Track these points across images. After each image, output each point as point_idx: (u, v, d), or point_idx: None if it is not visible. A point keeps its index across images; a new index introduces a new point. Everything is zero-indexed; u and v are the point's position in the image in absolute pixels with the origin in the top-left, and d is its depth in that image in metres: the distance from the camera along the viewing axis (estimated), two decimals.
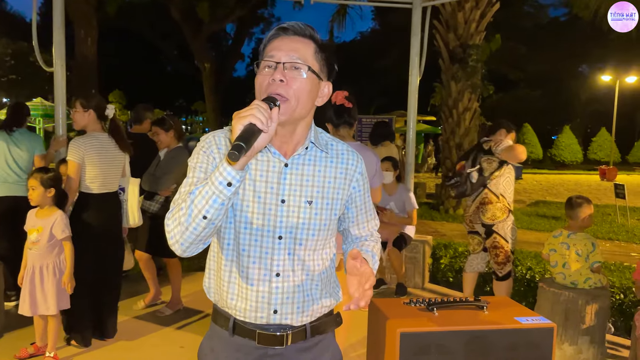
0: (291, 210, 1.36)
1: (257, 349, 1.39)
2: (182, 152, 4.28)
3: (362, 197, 1.50)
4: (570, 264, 3.64)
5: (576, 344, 3.52)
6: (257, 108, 1.17)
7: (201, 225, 1.20)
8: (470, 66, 9.88)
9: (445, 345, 1.54)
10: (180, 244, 1.25)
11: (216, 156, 1.35)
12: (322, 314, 1.45)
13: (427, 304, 1.68)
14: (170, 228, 1.26)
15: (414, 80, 5.56)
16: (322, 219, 1.39)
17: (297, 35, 1.35)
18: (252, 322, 1.38)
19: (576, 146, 29.57)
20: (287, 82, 1.29)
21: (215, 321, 1.47)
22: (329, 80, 1.42)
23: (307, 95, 1.33)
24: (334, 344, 1.53)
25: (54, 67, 4.77)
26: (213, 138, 1.38)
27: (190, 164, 1.37)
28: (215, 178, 1.19)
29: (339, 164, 1.43)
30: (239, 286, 1.37)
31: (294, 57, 1.31)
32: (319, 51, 1.37)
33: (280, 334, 1.39)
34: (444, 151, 10.62)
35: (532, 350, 1.60)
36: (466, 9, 9.88)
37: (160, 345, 3.73)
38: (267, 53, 1.34)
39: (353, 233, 1.55)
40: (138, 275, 5.31)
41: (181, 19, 21.99)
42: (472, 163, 4.06)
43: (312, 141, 1.40)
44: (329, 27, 14.08)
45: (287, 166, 1.37)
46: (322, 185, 1.40)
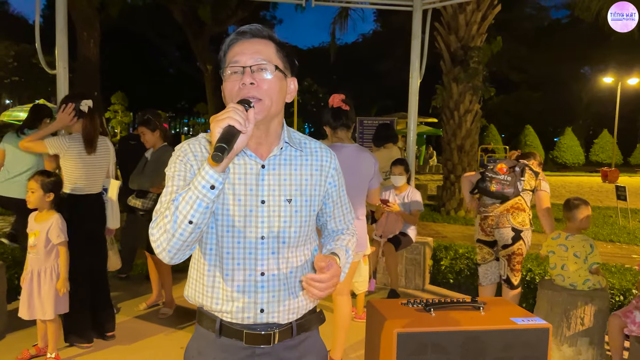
0: (272, 210, 1.38)
1: (245, 348, 1.41)
2: (168, 150, 4.36)
3: (337, 192, 1.53)
4: (568, 266, 3.66)
5: (575, 345, 3.54)
6: (234, 110, 1.20)
7: (187, 230, 1.22)
8: (471, 68, 9.90)
9: (442, 345, 1.56)
10: (168, 252, 1.26)
11: (193, 163, 1.37)
12: (307, 310, 1.47)
13: (424, 304, 1.70)
14: (155, 237, 1.26)
15: (414, 82, 5.58)
16: (302, 215, 1.42)
17: (256, 37, 1.38)
18: (239, 323, 1.40)
19: (578, 148, 29.56)
20: (257, 84, 1.33)
21: (200, 323, 1.48)
22: (293, 76, 1.45)
23: (278, 93, 1.37)
24: (319, 341, 1.56)
25: (57, 69, 4.80)
26: (188, 146, 1.41)
27: (168, 173, 1.38)
28: (198, 182, 1.20)
29: (313, 161, 1.47)
30: (223, 290, 1.39)
31: (258, 59, 1.34)
32: (280, 49, 1.40)
33: (267, 332, 1.40)
34: (445, 153, 10.64)
35: (528, 350, 1.62)
36: (467, 11, 9.91)
37: (161, 346, 3.75)
38: (231, 59, 1.36)
39: (330, 227, 1.58)
40: (140, 277, 5.35)
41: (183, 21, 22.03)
42: (520, 172, 3.97)
43: (286, 141, 1.43)
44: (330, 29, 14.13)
45: (264, 167, 1.40)
46: (299, 183, 1.43)
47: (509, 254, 3.97)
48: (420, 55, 5.56)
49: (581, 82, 34.00)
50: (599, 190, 16.95)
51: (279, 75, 1.37)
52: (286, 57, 1.41)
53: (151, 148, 4.38)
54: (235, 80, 1.34)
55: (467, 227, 9.39)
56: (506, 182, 3.90)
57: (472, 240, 7.68)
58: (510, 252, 3.96)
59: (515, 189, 3.91)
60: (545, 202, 4.05)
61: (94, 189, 3.67)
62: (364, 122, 11.45)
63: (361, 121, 11.90)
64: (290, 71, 1.43)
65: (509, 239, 3.94)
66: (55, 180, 3.39)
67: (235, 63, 1.35)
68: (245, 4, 21.55)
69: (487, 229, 4.04)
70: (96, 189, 3.69)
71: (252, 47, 1.36)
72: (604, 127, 30.75)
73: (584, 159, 29.90)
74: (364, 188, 3.31)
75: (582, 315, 3.51)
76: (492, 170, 3.98)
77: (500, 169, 3.95)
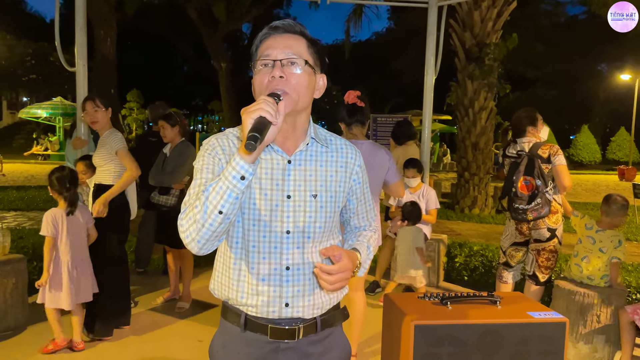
0: (297, 205, 1.40)
1: (269, 343, 1.43)
2: (188, 146, 4.43)
3: (361, 189, 1.55)
4: (590, 259, 3.67)
5: (591, 343, 3.53)
6: (265, 102, 1.22)
7: (217, 220, 1.25)
8: (486, 65, 9.83)
9: (459, 338, 1.57)
10: (197, 242, 1.28)
11: (221, 157, 1.40)
12: (331, 306, 1.49)
13: (440, 298, 1.72)
14: (184, 227, 1.29)
15: (429, 79, 5.57)
16: (327, 211, 1.44)
17: (288, 33, 1.40)
18: (264, 317, 1.42)
19: (594, 146, 29.20)
20: (286, 78, 1.35)
21: (225, 318, 1.50)
22: (322, 73, 1.47)
23: (306, 88, 1.38)
24: (343, 337, 1.57)
25: (76, 67, 4.87)
26: (216, 140, 1.44)
27: (197, 166, 1.41)
28: (229, 173, 1.23)
29: (339, 157, 1.49)
30: (248, 284, 1.41)
31: (289, 53, 1.36)
32: (311, 45, 1.42)
33: (292, 327, 1.42)
34: (460, 150, 10.58)
35: (545, 344, 1.62)
36: (482, 8, 9.84)
37: (177, 340, 3.81)
38: (262, 53, 1.39)
39: (353, 224, 1.61)
40: (157, 271, 5.43)
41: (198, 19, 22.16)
42: (540, 177, 3.78)
43: (312, 137, 1.46)
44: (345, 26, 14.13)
45: (291, 162, 1.42)
46: (325, 179, 1.45)
47: (539, 249, 3.93)
48: (436, 52, 5.55)
49: (598, 79, 33.55)
50: (616, 189, 16.76)
51: (309, 71, 1.39)
52: (317, 53, 1.43)
53: (169, 143, 4.44)
54: (265, 73, 1.36)
55: (481, 224, 9.36)
56: (538, 204, 3.75)
57: (487, 238, 7.66)
58: (540, 247, 3.92)
59: (547, 203, 3.77)
60: (565, 178, 3.78)
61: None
62: (378, 120, 11.43)
63: (375, 118, 11.88)
64: (320, 67, 1.45)
65: (544, 237, 3.90)
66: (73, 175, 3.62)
67: (266, 57, 1.37)
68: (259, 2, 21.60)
69: (525, 232, 3.97)
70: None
71: (284, 42, 1.38)
72: (621, 125, 30.33)
73: (601, 157, 29.53)
74: (379, 184, 3.33)
75: (598, 313, 3.50)
76: (516, 195, 3.81)
77: (522, 188, 3.82)
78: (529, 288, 4.02)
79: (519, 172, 3.83)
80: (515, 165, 3.90)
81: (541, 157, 3.84)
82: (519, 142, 4.00)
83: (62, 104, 23.32)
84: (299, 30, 1.42)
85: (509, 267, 4.14)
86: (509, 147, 4.07)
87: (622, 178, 20.09)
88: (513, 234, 4.03)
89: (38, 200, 10.34)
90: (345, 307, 1.58)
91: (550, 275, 4.02)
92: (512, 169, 3.91)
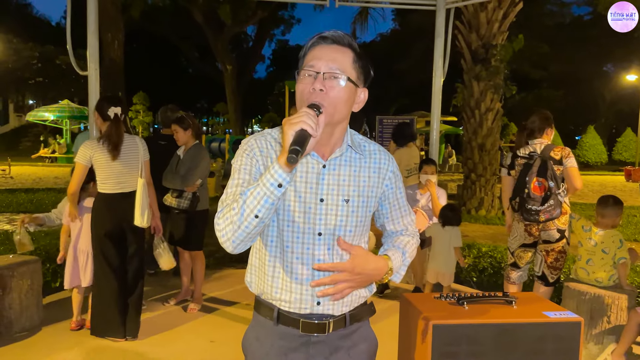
0: (329, 208, 1.45)
1: (301, 336, 1.48)
2: (201, 149, 4.46)
3: (394, 194, 1.59)
4: (594, 261, 3.69)
5: (602, 344, 3.54)
6: (307, 115, 1.26)
7: (252, 224, 1.30)
8: (493, 66, 9.85)
9: (476, 337, 1.60)
10: (232, 242, 1.33)
11: (259, 159, 1.44)
12: (359, 304, 1.54)
13: (457, 298, 1.75)
14: (221, 227, 1.34)
15: (437, 81, 5.60)
16: (358, 216, 1.49)
17: (336, 44, 1.42)
18: (296, 312, 1.47)
19: (601, 147, 29.10)
20: (326, 91, 1.37)
21: (258, 311, 1.55)
22: (365, 87, 1.50)
23: (344, 103, 1.41)
24: (371, 332, 1.62)
25: (88, 70, 4.93)
26: (255, 141, 1.47)
27: (235, 165, 1.46)
28: (267, 180, 1.27)
29: (372, 163, 1.53)
30: (283, 280, 1.46)
31: (333, 68, 1.39)
32: (357, 60, 1.44)
33: (322, 322, 1.47)
34: (466, 152, 10.59)
35: (560, 343, 1.65)
36: (489, 9, 9.86)
37: (189, 340, 3.84)
38: (308, 62, 1.41)
39: (389, 228, 1.65)
40: (168, 273, 5.46)
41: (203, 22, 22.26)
42: (553, 179, 3.79)
43: (348, 144, 1.50)
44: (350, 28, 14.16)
45: (325, 167, 1.46)
46: (357, 184, 1.49)
47: (548, 249, 3.95)
48: (444, 54, 5.58)
49: (604, 79, 33.44)
50: (623, 190, 16.69)
51: (350, 86, 1.41)
52: (362, 67, 1.45)
53: (183, 146, 4.48)
54: (307, 83, 1.40)
55: (487, 226, 9.36)
56: (551, 205, 3.76)
57: (493, 239, 7.66)
58: (550, 248, 3.94)
59: (559, 204, 3.79)
60: (576, 180, 3.85)
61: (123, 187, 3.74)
62: (384, 121, 11.47)
63: (380, 120, 11.91)
64: (363, 82, 1.47)
65: (554, 238, 3.93)
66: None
67: (310, 67, 1.40)
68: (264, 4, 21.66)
69: (534, 233, 3.98)
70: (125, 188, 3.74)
71: (330, 55, 1.40)
72: (627, 125, 30.20)
73: (607, 157, 29.42)
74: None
75: (608, 314, 3.51)
76: (529, 196, 3.81)
77: (535, 189, 3.82)
78: (538, 289, 4.03)
79: (532, 173, 3.84)
80: (527, 166, 3.92)
81: (553, 159, 3.86)
82: (530, 143, 4.03)
83: (69, 107, 23.46)
84: (347, 43, 1.43)
85: (517, 268, 4.15)
86: (521, 149, 4.08)
87: (629, 179, 20.01)
88: (522, 235, 4.05)
89: (46, 202, 10.41)
90: (372, 303, 1.63)
91: (559, 276, 4.03)
92: (524, 170, 3.93)
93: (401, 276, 1.57)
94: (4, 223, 8.70)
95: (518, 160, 4.04)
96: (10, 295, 3.80)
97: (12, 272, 3.82)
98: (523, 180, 3.90)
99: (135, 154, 3.77)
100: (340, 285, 1.42)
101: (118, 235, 3.72)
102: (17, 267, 3.87)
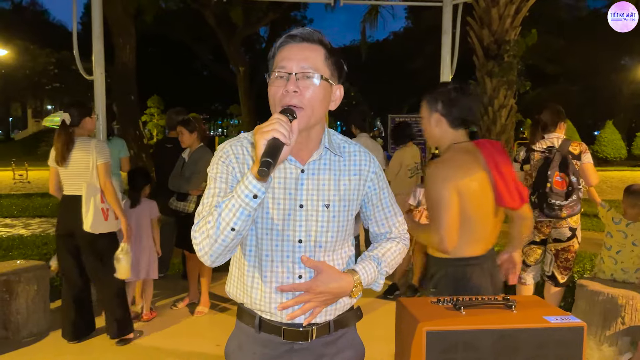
0: (309, 214, 1.39)
1: (283, 344, 1.44)
2: (206, 151, 4.45)
3: (377, 195, 1.52)
4: (624, 253, 3.66)
5: (616, 345, 3.44)
6: (279, 122, 1.19)
7: (229, 237, 1.24)
8: (506, 62, 9.71)
9: (473, 343, 1.54)
10: (210, 256, 1.28)
11: (235, 166, 1.38)
12: (343, 311, 1.49)
13: (454, 303, 1.69)
14: (198, 241, 1.28)
15: (445, 78, 5.52)
16: (339, 221, 1.43)
17: (306, 42, 1.36)
18: (278, 320, 1.43)
19: (620, 142, 28.59)
20: (300, 92, 1.31)
21: (240, 319, 1.51)
22: (340, 83, 1.43)
23: (321, 102, 1.35)
24: (357, 338, 1.57)
25: (94, 75, 4.96)
26: (230, 148, 1.41)
27: (210, 174, 1.40)
28: (242, 191, 1.21)
29: (352, 165, 1.47)
30: (262, 291, 1.41)
31: (305, 67, 1.33)
32: (329, 56, 1.38)
33: (305, 329, 1.43)
34: None
35: (562, 349, 1.58)
36: (500, 5, 9.72)
37: (197, 343, 3.83)
38: (278, 63, 1.35)
39: (372, 230, 1.59)
40: (176, 276, 5.47)
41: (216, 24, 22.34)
42: (575, 174, 3.69)
43: (326, 146, 1.43)
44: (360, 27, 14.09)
45: (304, 172, 1.40)
46: (338, 188, 1.43)
47: (559, 249, 3.86)
48: (452, 50, 5.50)
49: (622, 73, 32.83)
50: None
51: (324, 84, 1.35)
52: (335, 64, 1.39)
53: (188, 149, 4.47)
54: (279, 85, 1.34)
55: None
56: (573, 201, 3.64)
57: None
58: (560, 247, 3.86)
59: (579, 200, 3.68)
60: (592, 176, 3.81)
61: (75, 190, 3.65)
62: (396, 120, 11.38)
63: (393, 119, 11.83)
64: (337, 78, 1.41)
65: (565, 236, 3.85)
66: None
67: (281, 68, 1.34)
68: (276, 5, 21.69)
69: (544, 231, 3.91)
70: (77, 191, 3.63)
71: (301, 53, 1.34)
72: None
73: (626, 152, 28.90)
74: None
75: (622, 314, 3.41)
76: (552, 191, 3.67)
77: (558, 184, 3.68)
78: (549, 290, 3.95)
79: (554, 167, 3.75)
80: (547, 160, 3.81)
81: (572, 154, 3.78)
82: (547, 137, 3.93)
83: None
84: (317, 39, 1.37)
85: (526, 267, 4.05)
86: (537, 143, 3.96)
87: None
88: (531, 232, 3.95)
89: None
90: (359, 307, 1.58)
91: (571, 276, 3.94)
92: (544, 165, 3.82)
93: (380, 285, 1.51)
94: (20, 227, 8.81)
95: (535, 155, 3.92)
96: (17, 301, 3.83)
97: (19, 277, 3.85)
98: (544, 174, 3.76)
99: (86, 157, 3.60)
100: (305, 305, 1.38)
101: (70, 237, 3.68)
102: (24, 273, 3.89)
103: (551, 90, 31.18)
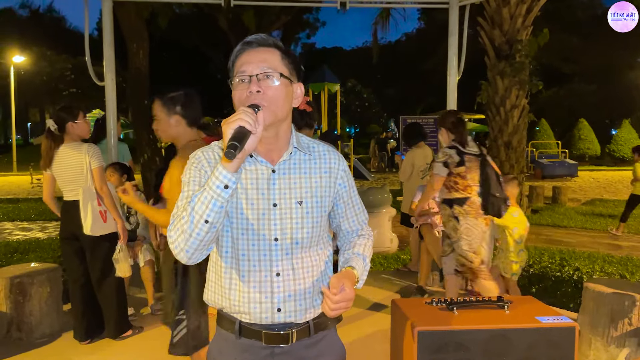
0: (284, 212, 1.44)
1: (264, 348, 1.46)
2: None
3: (347, 192, 1.57)
4: None
5: (623, 346, 3.41)
6: (244, 112, 1.27)
7: (203, 230, 1.28)
8: (517, 62, 9.64)
9: (464, 343, 1.56)
10: (186, 252, 1.32)
11: (207, 169, 1.44)
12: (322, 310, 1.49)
13: (447, 303, 1.70)
14: (173, 239, 1.33)
15: (452, 79, 5.52)
16: (313, 217, 1.47)
17: (262, 46, 1.44)
18: (257, 323, 1.45)
19: (637, 141, 28.06)
20: (263, 92, 1.38)
21: (220, 325, 1.54)
22: (299, 82, 1.50)
23: (284, 99, 1.42)
24: (337, 341, 1.60)
25: (105, 80, 5.06)
26: (202, 154, 1.47)
27: (184, 179, 1.45)
28: (213, 182, 1.27)
29: (322, 164, 1.52)
30: (240, 291, 1.45)
31: (264, 68, 1.40)
32: (285, 56, 1.45)
33: (285, 332, 1.45)
34: (492, 150, 10.37)
35: (554, 350, 1.59)
36: (511, 4, 9.66)
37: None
38: (238, 69, 1.42)
39: (344, 228, 1.62)
40: None
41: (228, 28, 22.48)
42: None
43: (295, 146, 1.49)
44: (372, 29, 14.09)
45: (275, 172, 1.45)
46: (309, 185, 1.48)
47: None
48: (459, 51, 5.50)
49: (638, 71, 32.36)
50: None
51: (285, 82, 1.42)
52: (292, 63, 1.46)
53: None
54: (242, 88, 1.40)
55: None
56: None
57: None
58: None
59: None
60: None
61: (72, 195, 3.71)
62: (408, 122, 11.36)
63: (404, 120, 11.81)
64: (296, 77, 1.48)
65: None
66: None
67: (242, 73, 1.41)
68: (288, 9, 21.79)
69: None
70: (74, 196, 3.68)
71: (258, 56, 1.41)
72: None
73: None
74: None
75: (629, 315, 3.38)
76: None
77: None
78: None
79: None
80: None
81: None
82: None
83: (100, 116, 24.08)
84: (272, 43, 1.45)
85: None
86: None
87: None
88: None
89: None
90: None
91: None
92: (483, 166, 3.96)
93: (363, 281, 1.53)
94: (37, 231, 8.97)
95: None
96: (30, 302, 3.91)
97: (32, 279, 3.93)
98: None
99: (79, 162, 3.64)
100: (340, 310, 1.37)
101: (75, 239, 3.76)
102: (37, 275, 3.97)
103: (567, 90, 30.86)
